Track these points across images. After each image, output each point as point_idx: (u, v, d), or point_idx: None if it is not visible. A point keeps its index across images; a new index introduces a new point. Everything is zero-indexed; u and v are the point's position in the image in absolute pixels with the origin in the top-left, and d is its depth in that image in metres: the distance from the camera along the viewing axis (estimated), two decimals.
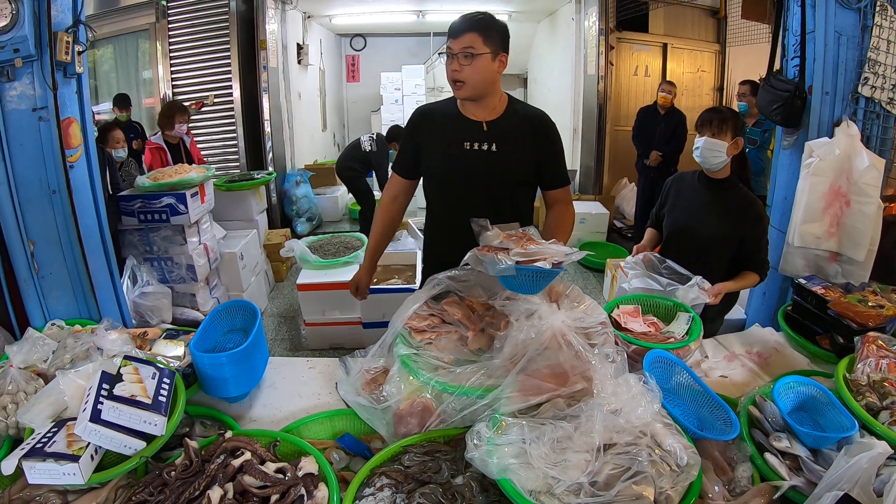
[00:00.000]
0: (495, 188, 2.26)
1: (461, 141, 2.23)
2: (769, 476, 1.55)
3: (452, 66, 2.15)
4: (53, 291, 2.44)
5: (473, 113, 2.25)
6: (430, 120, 2.32)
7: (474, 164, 2.22)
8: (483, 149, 2.21)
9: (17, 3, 2.10)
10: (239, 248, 5.03)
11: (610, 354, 1.70)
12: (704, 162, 2.57)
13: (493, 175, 2.24)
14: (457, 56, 2.13)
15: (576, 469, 1.37)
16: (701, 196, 2.66)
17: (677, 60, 8.06)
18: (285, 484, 1.47)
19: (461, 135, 2.23)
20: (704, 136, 2.53)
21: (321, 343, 4.72)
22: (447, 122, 2.28)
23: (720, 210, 2.59)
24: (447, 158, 2.26)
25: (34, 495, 1.51)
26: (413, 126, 2.37)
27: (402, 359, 1.80)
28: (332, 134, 11.41)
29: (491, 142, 2.21)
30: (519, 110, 2.28)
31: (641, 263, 2.65)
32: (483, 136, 2.21)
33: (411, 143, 2.36)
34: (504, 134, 2.22)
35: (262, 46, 7.08)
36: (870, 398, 1.74)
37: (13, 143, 2.24)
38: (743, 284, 2.60)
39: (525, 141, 2.25)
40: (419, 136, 2.33)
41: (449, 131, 2.26)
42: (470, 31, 2.11)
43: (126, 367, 1.73)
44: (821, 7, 2.60)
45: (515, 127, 2.25)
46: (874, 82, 2.62)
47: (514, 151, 2.23)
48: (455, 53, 2.13)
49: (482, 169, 2.22)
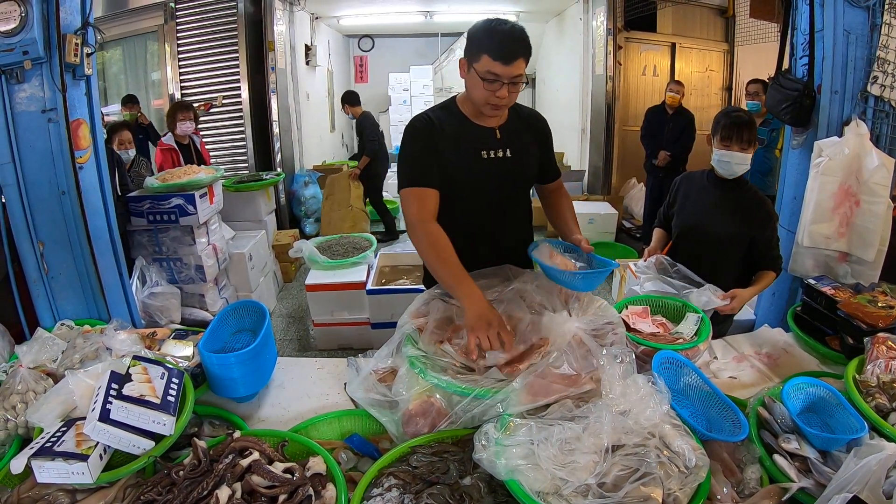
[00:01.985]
0: (511, 192, 2.23)
1: (478, 150, 2.13)
2: (778, 478, 1.54)
3: (500, 93, 1.95)
4: (63, 292, 2.46)
5: (485, 120, 2.15)
6: (439, 130, 2.12)
7: (492, 172, 2.15)
8: (499, 156, 2.15)
9: (26, 6, 2.11)
10: (248, 248, 5.04)
11: (618, 355, 1.70)
12: (730, 174, 2.53)
13: (508, 180, 2.19)
14: (506, 84, 1.94)
15: (584, 470, 1.36)
16: (711, 195, 2.64)
17: (685, 60, 8.03)
18: (293, 484, 1.47)
19: (477, 143, 2.13)
20: (733, 151, 2.47)
21: (329, 343, 4.73)
22: (459, 131, 2.13)
23: (731, 209, 2.57)
24: (466, 168, 2.12)
25: (43, 494, 1.52)
26: (427, 135, 2.12)
27: (410, 360, 1.80)
28: (340, 135, 11.43)
29: (504, 148, 2.15)
30: (520, 112, 2.24)
31: (653, 267, 2.63)
32: (497, 143, 2.15)
33: (432, 153, 2.09)
34: (514, 138, 2.18)
35: (271, 47, 7.10)
36: (879, 399, 1.73)
37: (23, 144, 2.26)
38: (763, 286, 2.58)
39: (530, 142, 2.24)
40: (437, 145, 2.10)
41: (463, 140, 2.12)
42: (522, 56, 1.92)
43: (135, 367, 1.74)
44: (829, 6, 2.59)
45: (521, 130, 2.22)
46: (883, 81, 2.61)
47: (525, 155, 2.21)
48: (506, 82, 1.93)
49: (499, 176, 2.16)
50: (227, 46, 6.94)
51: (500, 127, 2.16)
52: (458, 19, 9.70)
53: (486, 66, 1.91)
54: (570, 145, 8.91)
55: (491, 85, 1.94)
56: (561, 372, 1.63)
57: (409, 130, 2.14)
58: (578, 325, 1.74)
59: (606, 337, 1.78)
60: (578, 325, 1.74)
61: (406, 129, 2.15)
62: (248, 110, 7.09)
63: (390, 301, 4.40)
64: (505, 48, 1.90)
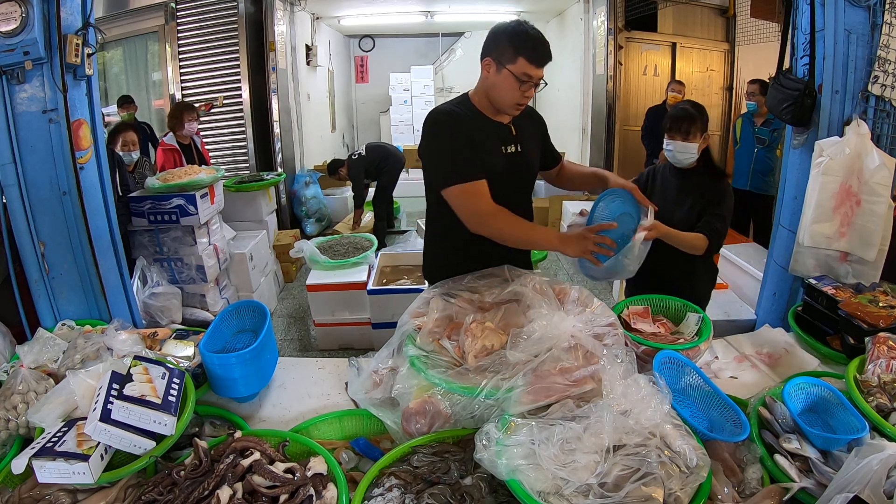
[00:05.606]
0: (523, 186, 2.31)
1: (498, 145, 2.17)
2: (779, 478, 1.54)
3: (529, 93, 2.08)
4: (64, 292, 2.46)
5: (500, 117, 2.19)
6: (464, 124, 2.12)
7: (511, 167, 2.19)
8: (516, 150, 2.20)
9: (27, 6, 2.11)
10: (248, 248, 5.05)
11: (619, 355, 1.70)
12: (677, 162, 2.68)
13: (522, 174, 2.27)
14: (535, 84, 2.07)
15: (585, 470, 1.36)
16: (671, 185, 2.75)
17: (686, 60, 8.03)
18: (294, 484, 1.47)
19: (497, 139, 2.17)
20: (676, 140, 2.64)
21: (331, 343, 4.73)
22: (480, 127, 2.15)
23: (691, 196, 2.65)
24: (492, 162, 2.13)
25: (44, 494, 1.52)
26: (460, 127, 2.10)
27: (410, 359, 1.80)
28: (341, 135, 11.44)
29: (518, 143, 2.21)
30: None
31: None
32: (513, 138, 2.20)
33: (470, 144, 2.08)
34: (523, 133, 2.24)
35: (271, 48, 7.10)
36: (880, 399, 1.73)
37: (24, 145, 2.26)
38: (686, 239, 2.49)
39: (535, 135, 2.32)
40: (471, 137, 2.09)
41: (484, 136, 2.14)
42: (550, 60, 2.07)
43: (136, 367, 1.74)
44: (830, 5, 2.58)
45: (527, 124, 2.28)
46: (884, 80, 2.60)
47: (532, 149, 2.28)
48: (536, 83, 2.06)
49: (514, 170, 2.20)
50: (227, 47, 6.94)
51: (512, 123, 2.22)
52: (458, 19, 9.73)
53: (522, 69, 2.02)
54: (570, 145, 8.90)
55: (524, 86, 2.04)
56: (563, 370, 1.64)
57: (440, 124, 2.13)
58: (577, 325, 1.74)
59: (606, 337, 1.78)
60: (577, 325, 1.74)
61: (434, 123, 2.14)
62: (249, 110, 7.09)
63: (391, 301, 4.40)
64: (540, 52, 2.03)
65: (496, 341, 1.78)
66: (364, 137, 12.01)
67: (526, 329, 1.75)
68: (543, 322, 1.75)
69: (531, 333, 1.72)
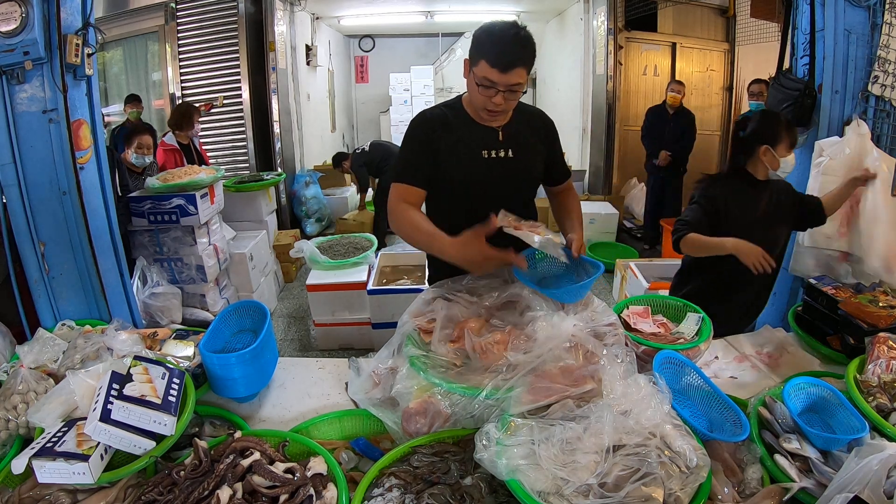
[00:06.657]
0: (513, 193, 2.22)
1: (479, 150, 2.13)
2: (779, 478, 1.54)
3: (495, 99, 1.94)
4: (64, 292, 2.46)
5: (488, 121, 2.14)
6: (444, 127, 2.13)
7: (493, 173, 2.15)
8: (500, 156, 2.15)
9: (27, 6, 2.11)
10: (248, 248, 5.05)
11: (619, 355, 1.70)
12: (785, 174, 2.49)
13: (510, 181, 2.20)
14: (502, 91, 1.93)
15: (585, 470, 1.36)
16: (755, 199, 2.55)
17: (686, 60, 8.03)
18: (294, 484, 1.47)
19: (479, 143, 2.14)
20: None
21: (330, 343, 4.74)
22: (463, 131, 2.14)
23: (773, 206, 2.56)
24: (466, 168, 2.13)
25: (44, 494, 1.52)
26: (427, 133, 2.13)
27: (410, 359, 1.80)
28: (341, 135, 11.44)
29: (507, 148, 2.15)
30: (524, 111, 2.24)
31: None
32: (499, 143, 2.15)
33: (427, 151, 2.11)
34: (518, 139, 2.18)
35: (271, 48, 7.11)
36: (880, 399, 1.73)
37: (24, 145, 2.26)
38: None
39: (535, 142, 2.23)
40: (437, 144, 2.12)
41: (465, 140, 2.13)
42: (521, 65, 1.89)
43: (136, 367, 1.74)
44: (830, 5, 2.59)
45: (525, 130, 2.22)
46: (884, 80, 2.61)
47: (528, 155, 2.21)
48: (502, 90, 1.92)
49: (501, 176, 2.17)
50: (227, 47, 6.95)
51: (502, 127, 2.16)
52: (458, 19, 9.72)
53: (483, 72, 1.91)
54: (570, 145, 8.91)
55: (486, 91, 1.94)
56: (563, 370, 1.64)
57: (413, 126, 2.16)
58: (578, 325, 1.74)
59: (606, 337, 1.78)
60: (578, 325, 1.74)
61: (411, 123, 2.18)
62: (249, 110, 7.11)
63: (391, 301, 4.41)
64: (503, 56, 1.88)
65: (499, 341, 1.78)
66: (364, 137, 12.00)
67: (526, 329, 1.75)
68: (543, 322, 1.75)
69: (531, 333, 1.73)
